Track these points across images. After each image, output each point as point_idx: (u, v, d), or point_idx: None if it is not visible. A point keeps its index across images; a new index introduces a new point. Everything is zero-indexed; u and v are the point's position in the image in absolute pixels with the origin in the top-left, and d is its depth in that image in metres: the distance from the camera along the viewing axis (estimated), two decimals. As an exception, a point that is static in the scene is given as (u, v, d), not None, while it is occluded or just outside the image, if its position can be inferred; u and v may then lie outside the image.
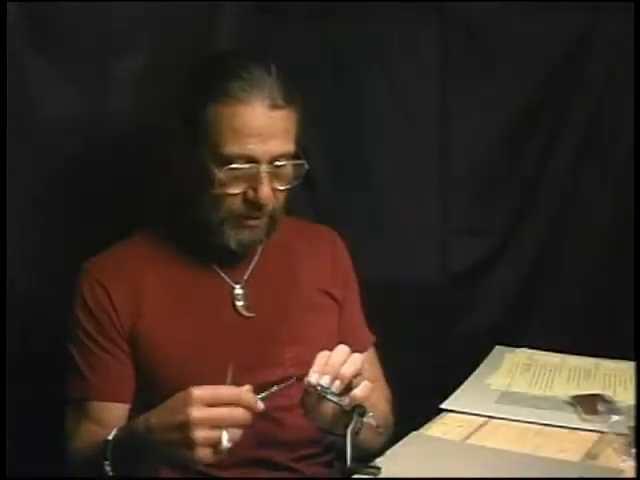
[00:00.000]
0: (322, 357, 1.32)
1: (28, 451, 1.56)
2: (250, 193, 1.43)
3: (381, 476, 1.34)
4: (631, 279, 2.09)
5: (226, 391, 1.19)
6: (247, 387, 1.22)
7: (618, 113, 2.17)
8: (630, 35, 2.07)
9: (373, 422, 1.42)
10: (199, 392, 1.17)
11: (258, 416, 1.26)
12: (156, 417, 1.22)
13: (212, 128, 1.42)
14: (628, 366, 1.82)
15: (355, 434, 1.38)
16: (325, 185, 2.15)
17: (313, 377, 1.30)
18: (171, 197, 1.60)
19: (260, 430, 1.45)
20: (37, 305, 1.61)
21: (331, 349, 1.49)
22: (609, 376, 1.82)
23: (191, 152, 1.45)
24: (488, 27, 2.20)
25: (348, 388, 1.32)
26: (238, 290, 1.54)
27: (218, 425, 1.16)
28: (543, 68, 2.21)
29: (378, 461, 1.38)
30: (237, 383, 1.23)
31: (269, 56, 1.50)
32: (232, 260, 1.54)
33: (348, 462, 1.33)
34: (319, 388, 1.30)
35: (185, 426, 1.16)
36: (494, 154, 2.26)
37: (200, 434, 1.16)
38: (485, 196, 2.27)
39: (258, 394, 1.24)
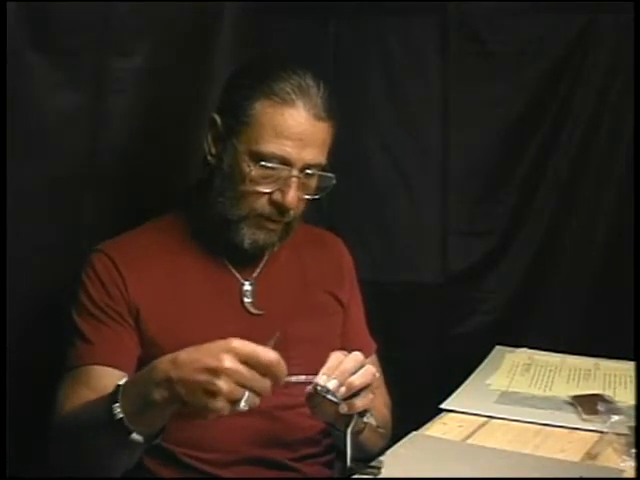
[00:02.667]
0: (334, 360, 1.32)
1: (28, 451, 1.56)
2: (277, 195, 1.45)
3: (381, 476, 1.34)
4: (631, 279, 2.10)
5: (264, 353, 1.14)
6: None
7: (618, 113, 2.18)
8: (630, 35, 2.08)
9: (373, 422, 1.42)
10: (240, 344, 1.14)
11: (258, 416, 1.26)
12: (187, 353, 1.18)
13: (254, 123, 1.44)
14: (628, 366, 1.82)
15: (357, 433, 1.38)
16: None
17: (321, 379, 1.30)
18: (192, 187, 1.60)
19: (261, 429, 1.46)
20: (39, 302, 1.61)
21: (336, 350, 1.49)
22: (609, 376, 1.82)
23: (226, 143, 1.47)
24: (488, 27, 2.21)
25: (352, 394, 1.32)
26: (247, 287, 1.55)
27: (243, 384, 1.14)
28: (543, 68, 2.21)
29: (378, 461, 1.38)
30: None
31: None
32: (243, 257, 1.54)
33: (348, 462, 1.34)
34: (319, 388, 1.30)
35: (213, 371, 1.13)
36: (494, 154, 2.27)
37: (224, 385, 1.12)
38: (485, 196, 2.28)
39: None
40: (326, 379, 1.29)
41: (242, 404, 1.14)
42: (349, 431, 1.34)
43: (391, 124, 2.26)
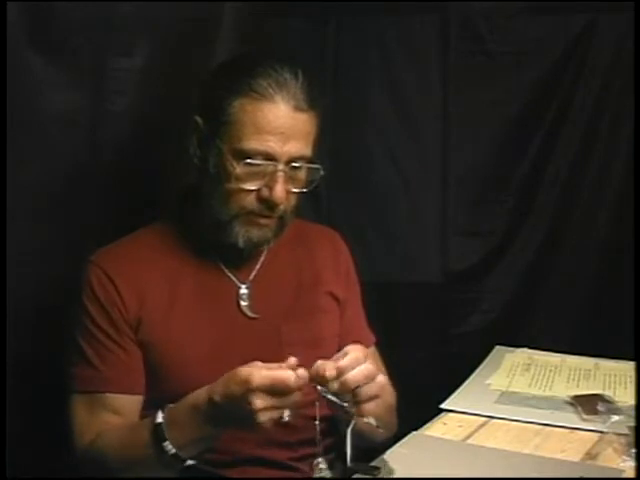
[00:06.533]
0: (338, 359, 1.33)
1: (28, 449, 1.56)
2: (264, 191, 1.44)
3: (381, 476, 1.34)
4: (631, 279, 2.09)
5: (280, 378, 1.24)
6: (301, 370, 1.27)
7: (618, 113, 2.18)
8: (630, 35, 2.08)
9: (373, 422, 1.42)
10: (257, 379, 1.23)
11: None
12: (219, 393, 1.28)
13: (234, 122, 1.43)
14: (628, 366, 1.82)
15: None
16: (325, 185, 2.15)
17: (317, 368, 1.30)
18: (182, 192, 1.59)
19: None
20: (39, 302, 1.61)
21: (332, 350, 1.49)
22: (609, 376, 1.82)
23: (210, 144, 1.46)
24: (488, 27, 2.21)
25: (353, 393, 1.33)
26: (243, 290, 1.54)
27: (279, 407, 1.24)
28: (543, 68, 2.21)
29: (378, 461, 1.38)
30: None
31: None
32: (238, 260, 1.54)
33: (348, 462, 1.33)
34: (319, 388, 1.31)
35: (250, 412, 1.23)
36: (494, 154, 2.27)
37: (264, 417, 1.24)
38: (485, 196, 2.28)
39: None
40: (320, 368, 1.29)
41: (285, 417, 1.26)
42: (349, 431, 1.34)
43: (391, 124, 2.26)
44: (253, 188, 1.44)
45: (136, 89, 1.71)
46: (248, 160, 1.42)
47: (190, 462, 1.34)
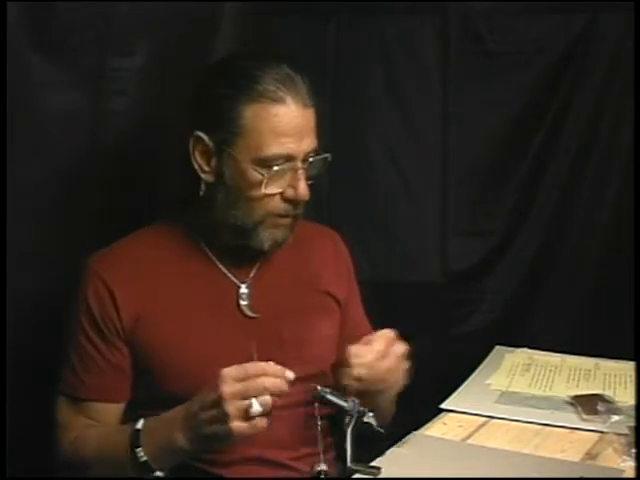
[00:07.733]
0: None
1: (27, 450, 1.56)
2: (289, 191, 1.45)
3: (381, 476, 1.34)
4: (631, 279, 2.09)
5: (251, 366, 1.27)
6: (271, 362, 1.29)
7: (618, 113, 2.17)
8: (630, 35, 2.08)
9: (373, 422, 1.42)
10: (228, 370, 1.27)
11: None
12: (196, 400, 1.31)
13: (249, 130, 1.42)
14: (628, 366, 1.82)
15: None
16: (326, 185, 2.15)
17: None
18: (182, 195, 1.59)
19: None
20: (39, 302, 1.61)
21: (332, 350, 1.50)
22: (609, 376, 1.82)
23: (221, 156, 1.45)
24: (488, 27, 2.21)
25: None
26: (243, 290, 1.54)
27: (248, 396, 1.25)
28: (543, 68, 2.21)
29: (378, 461, 1.38)
30: None
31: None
32: (238, 259, 1.54)
33: (348, 462, 1.34)
34: (319, 388, 1.31)
35: (219, 401, 1.25)
36: (494, 154, 2.26)
37: (232, 406, 1.24)
38: (485, 196, 2.28)
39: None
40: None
41: (255, 407, 1.24)
42: (349, 431, 1.34)
43: (391, 124, 2.26)
44: (278, 191, 1.45)
45: (136, 89, 1.71)
46: (275, 168, 1.42)
47: (159, 474, 1.36)
